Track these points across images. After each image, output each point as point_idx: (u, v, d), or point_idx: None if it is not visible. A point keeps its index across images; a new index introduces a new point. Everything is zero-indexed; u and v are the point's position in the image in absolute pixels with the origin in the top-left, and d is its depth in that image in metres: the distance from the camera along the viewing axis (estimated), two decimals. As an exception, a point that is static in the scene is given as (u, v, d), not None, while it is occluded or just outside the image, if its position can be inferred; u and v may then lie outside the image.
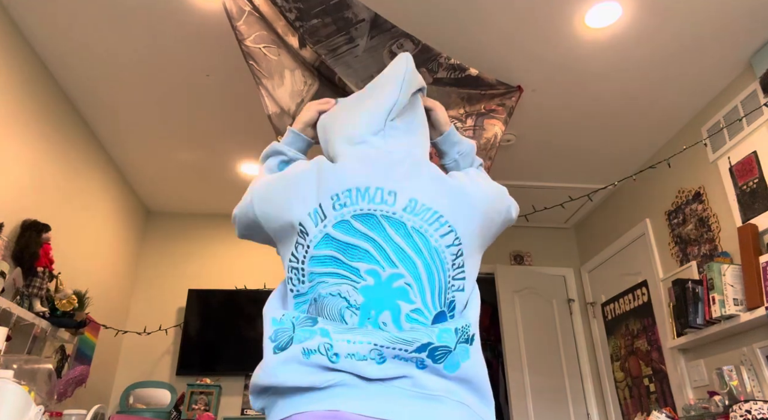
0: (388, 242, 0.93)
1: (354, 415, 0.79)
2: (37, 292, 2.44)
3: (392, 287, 0.90)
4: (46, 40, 2.53)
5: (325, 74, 2.36)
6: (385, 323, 0.88)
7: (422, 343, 0.84)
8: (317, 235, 0.94)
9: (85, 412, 2.26)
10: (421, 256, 0.93)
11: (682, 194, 3.19)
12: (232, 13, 2.07)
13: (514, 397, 3.70)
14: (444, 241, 0.95)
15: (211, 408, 3.54)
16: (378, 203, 0.96)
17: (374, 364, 0.82)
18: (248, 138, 3.30)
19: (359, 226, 0.94)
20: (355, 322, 0.88)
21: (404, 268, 0.91)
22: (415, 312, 0.89)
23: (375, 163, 1.02)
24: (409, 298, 0.90)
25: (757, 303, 2.36)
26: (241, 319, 3.86)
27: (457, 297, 0.95)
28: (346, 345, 0.82)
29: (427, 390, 0.83)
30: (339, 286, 0.91)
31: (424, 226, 0.95)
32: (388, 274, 0.91)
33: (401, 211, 0.95)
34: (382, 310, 0.88)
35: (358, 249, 0.92)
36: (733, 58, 2.66)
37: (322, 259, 0.93)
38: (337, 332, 0.84)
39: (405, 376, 0.83)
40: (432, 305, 0.91)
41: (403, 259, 0.92)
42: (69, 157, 2.98)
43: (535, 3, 2.32)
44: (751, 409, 2.17)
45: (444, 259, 0.94)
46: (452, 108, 2.58)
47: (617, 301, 3.87)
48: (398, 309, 0.89)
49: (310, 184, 1.00)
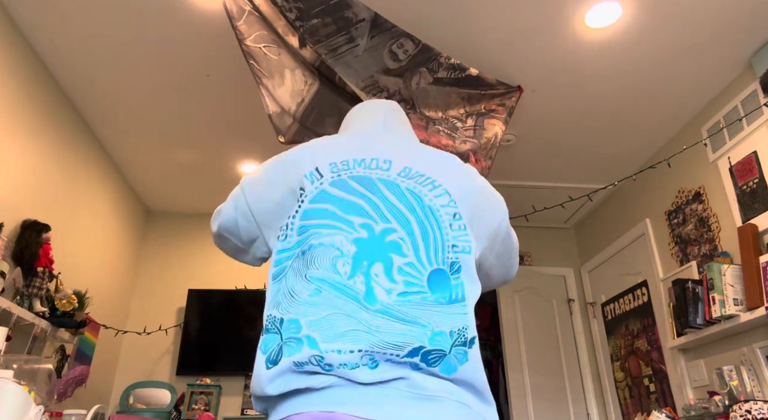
0: (382, 200, 0.95)
1: (349, 417, 0.77)
2: (37, 292, 2.44)
3: (385, 241, 0.91)
4: (46, 40, 2.53)
5: (325, 74, 2.36)
6: (377, 274, 0.87)
7: (414, 347, 0.82)
8: (312, 192, 0.97)
9: (85, 412, 2.26)
10: (415, 214, 0.94)
11: (682, 194, 3.19)
12: (233, 12, 2.07)
13: (514, 397, 3.70)
14: (438, 201, 0.97)
15: (211, 408, 3.54)
16: (374, 169, 1.00)
17: (367, 370, 0.81)
18: (248, 138, 3.30)
19: (354, 184, 0.97)
20: (347, 270, 0.87)
21: (397, 224, 0.92)
22: (408, 265, 0.89)
23: (371, 140, 1.10)
24: (401, 251, 0.90)
25: (757, 303, 2.36)
26: (241, 319, 3.86)
27: (462, 259, 0.93)
28: (337, 356, 0.80)
29: (425, 390, 0.81)
30: (332, 236, 0.91)
31: (417, 187, 0.98)
32: (382, 228, 0.92)
33: (395, 174, 0.99)
34: (374, 262, 0.88)
35: (353, 204, 0.94)
36: (733, 58, 2.66)
37: (316, 211, 0.95)
38: (325, 341, 0.81)
39: (401, 377, 0.81)
40: (427, 261, 0.90)
41: (396, 215, 0.93)
42: (69, 157, 2.98)
43: (535, 3, 2.32)
44: (751, 409, 2.17)
45: (439, 217, 0.95)
46: (452, 108, 2.58)
47: (617, 301, 3.87)
48: (390, 261, 0.89)
49: (305, 155, 1.04)
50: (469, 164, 1.17)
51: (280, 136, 2.22)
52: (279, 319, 0.86)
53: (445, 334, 0.84)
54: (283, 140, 2.23)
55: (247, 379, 3.84)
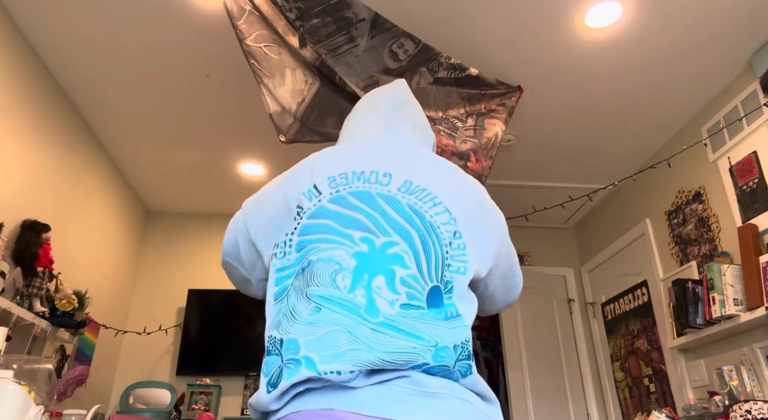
0: (383, 214, 0.93)
1: (349, 414, 0.76)
2: (37, 292, 2.44)
3: (387, 253, 0.89)
4: (46, 39, 2.53)
5: (325, 74, 2.36)
6: (379, 287, 0.85)
7: (416, 364, 0.80)
8: (311, 208, 0.95)
9: (85, 412, 2.26)
10: (416, 228, 0.92)
11: (682, 194, 3.19)
12: (233, 12, 2.08)
13: (514, 397, 3.70)
14: (439, 219, 0.95)
15: (211, 408, 3.54)
16: (373, 183, 0.97)
17: (368, 377, 0.80)
18: (248, 138, 3.30)
19: (353, 200, 0.95)
20: (347, 284, 0.85)
21: (399, 237, 0.90)
22: (411, 277, 0.87)
23: (371, 149, 1.07)
24: (404, 263, 0.88)
25: (757, 303, 2.36)
26: (241, 319, 3.86)
27: (455, 279, 0.91)
28: (336, 376, 0.78)
29: (426, 388, 0.79)
30: (332, 251, 0.89)
31: (418, 203, 0.95)
32: (383, 242, 0.90)
33: (396, 190, 0.97)
34: (376, 274, 0.86)
35: (352, 219, 0.92)
36: (733, 58, 2.66)
37: (314, 226, 0.93)
38: (323, 362, 0.79)
39: (402, 376, 0.80)
40: (428, 276, 0.88)
41: (397, 229, 0.91)
42: (69, 157, 2.98)
43: (535, 3, 2.32)
44: (751, 409, 2.17)
45: (440, 234, 0.92)
46: (453, 108, 2.58)
47: (617, 301, 3.87)
48: (393, 273, 0.87)
49: (303, 173, 1.02)
50: (470, 169, 1.16)
51: (281, 136, 2.22)
52: (279, 340, 0.85)
53: (449, 349, 0.83)
54: (284, 139, 2.23)
55: (248, 380, 3.84)
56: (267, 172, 3.65)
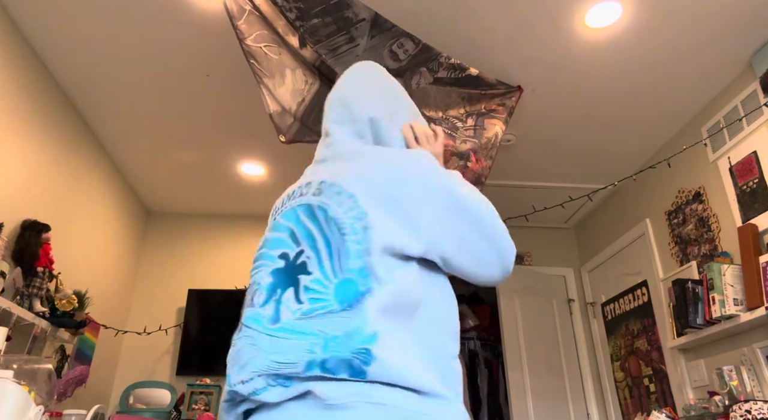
0: (297, 225, 0.97)
1: None
2: (37, 292, 2.44)
3: (296, 264, 0.92)
4: (46, 39, 2.53)
5: (325, 74, 2.36)
6: (288, 299, 0.87)
7: (308, 361, 0.79)
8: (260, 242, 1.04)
9: (85, 412, 2.26)
10: (319, 228, 0.94)
11: (682, 194, 3.19)
12: (233, 12, 2.08)
13: (514, 397, 3.70)
14: (341, 209, 0.94)
15: (211, 408, 3.53)
16: (296, 198, 1.03)
17: (279, 389, 0.81)
18: (248, 138, 3.30)
19: (282, 221, 1.01)
20: (260, 301, 0.91)
21: (306, 245, 0.94)
22: (314, 282, 0.88)
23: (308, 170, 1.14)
24: (307, 270, 0.90)
25: (757, 303, 2.36)
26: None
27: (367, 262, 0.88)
28: (243, 386, 0.84)
29: (332, 399, 0.77)
30: (256, 274, 0.97)
31: (326, 201, 0.97)
32: (296, 253, 0.94)
33: (310, 195, 1.01)
34: (287, 288, 0.90)
35: (278, 240, 0.98)
36: (733, 58, 2.66)
37: (257, 257, 1.01)
38: (235, 375, 0.86)
39: (308, 391, 0.79)
40: (332, 273, 0.88)
41: (305, 236, 0.95)
42: (69, 157, 2.98)
43: (535, 3, 2.32)
44: (751, 409, 2.17)
45: (343, 226, 0.92)
46: (453, 108, 2.58)
47: (617, 301, 3.87)
48: (298, 283, 0.90)
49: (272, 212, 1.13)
50: (470, 170, 1.16)
51: (281, 136, 2.22)
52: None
53: (339, 338, 0.81)
54: (284, 140, 2.23)
55: (247, 379, 3.84)
56: (267, 172, 3.65)
